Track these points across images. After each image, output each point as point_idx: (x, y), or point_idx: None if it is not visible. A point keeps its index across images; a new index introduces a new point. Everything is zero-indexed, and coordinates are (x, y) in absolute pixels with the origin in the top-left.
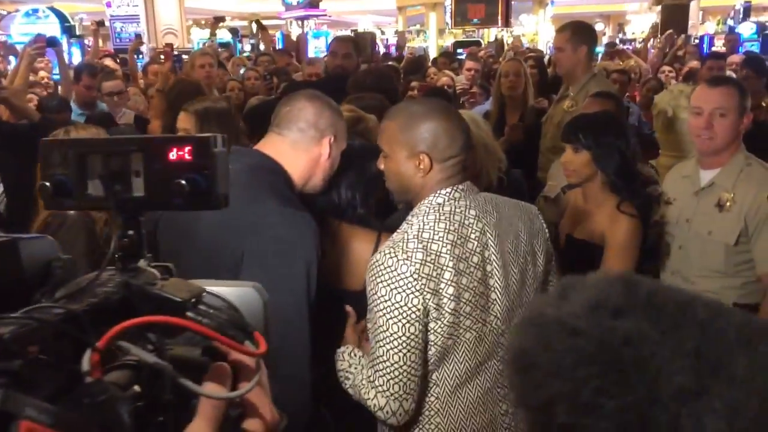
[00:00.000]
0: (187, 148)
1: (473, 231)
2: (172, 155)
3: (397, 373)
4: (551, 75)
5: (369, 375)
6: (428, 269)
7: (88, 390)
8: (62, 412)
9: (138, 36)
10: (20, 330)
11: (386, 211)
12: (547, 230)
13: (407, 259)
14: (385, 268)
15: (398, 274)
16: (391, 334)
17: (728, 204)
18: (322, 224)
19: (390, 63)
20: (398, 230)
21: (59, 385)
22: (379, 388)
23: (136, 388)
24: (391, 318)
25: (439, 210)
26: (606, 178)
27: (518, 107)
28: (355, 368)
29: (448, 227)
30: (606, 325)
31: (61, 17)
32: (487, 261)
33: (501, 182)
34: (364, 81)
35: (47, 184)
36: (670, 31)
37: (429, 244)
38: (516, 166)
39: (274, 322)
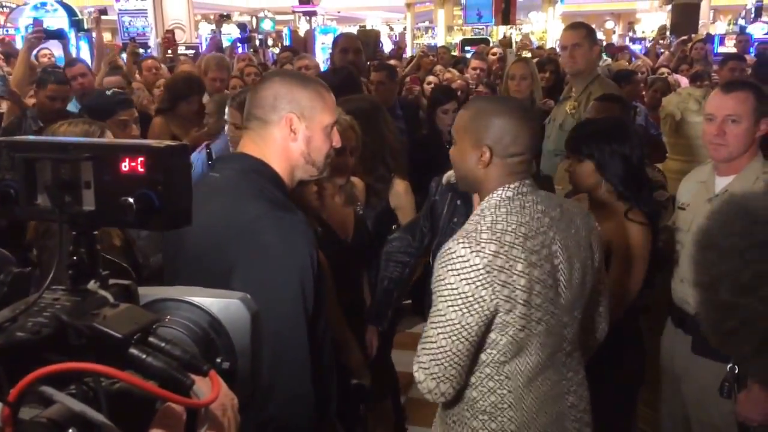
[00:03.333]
0: (140, 160)
1: (542, 225)
2: (124, 166)
3: (440, 356)
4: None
5: (418, 352)
6: (501, 261)
7: None
8: None
9: (132, 40)
10: None
11: None
12: (599, 228)
13: (480, 251)
14: (457, 257)
15: (470, 266)
16: (447, 320)
17: None
18: None
19: (390, 62)
20: (470, 221)
21: None
22: (422, 365)
23: (71, 431)
24: (451, 305)
25: (509, 203)
26: (611, 187)
27: None
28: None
29: (520, 220)
30: None
31: (70, 11)
32: (554, 255)
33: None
34: (331, 82)
35: None
36: (684, 37)
37: (503, 236)
38: None
39: (267, 336)
